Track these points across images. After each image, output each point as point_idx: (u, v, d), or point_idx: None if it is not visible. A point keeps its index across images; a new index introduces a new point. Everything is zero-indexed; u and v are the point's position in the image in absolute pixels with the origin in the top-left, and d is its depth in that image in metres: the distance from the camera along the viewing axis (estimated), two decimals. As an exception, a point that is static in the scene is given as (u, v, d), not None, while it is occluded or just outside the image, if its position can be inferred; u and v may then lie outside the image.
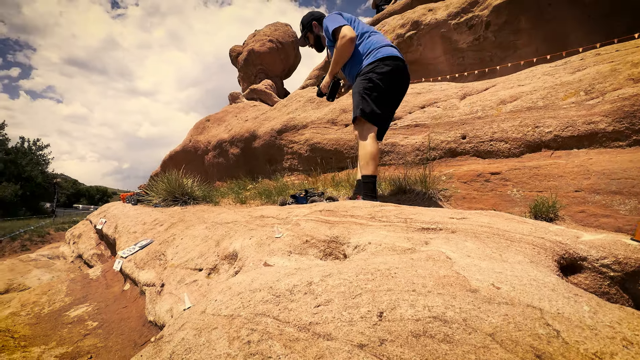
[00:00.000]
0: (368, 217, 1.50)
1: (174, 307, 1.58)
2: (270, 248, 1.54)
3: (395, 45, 5.99)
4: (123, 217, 4.77)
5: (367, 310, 0.54)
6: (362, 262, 0.85)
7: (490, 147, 2.99)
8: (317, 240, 1.50)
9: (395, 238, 1.12)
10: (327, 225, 1.58)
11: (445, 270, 0.66)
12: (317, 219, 1.71)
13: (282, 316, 0.61)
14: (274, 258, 1.44)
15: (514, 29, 4.63)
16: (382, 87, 2.12)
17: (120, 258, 2.96)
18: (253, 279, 0.93)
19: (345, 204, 1.76)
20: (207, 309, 0.83)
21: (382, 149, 3.92)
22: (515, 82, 3.27)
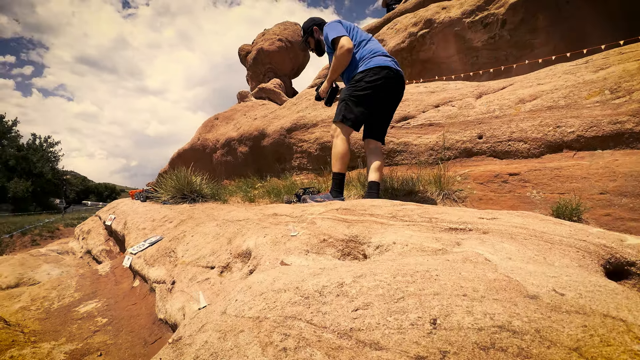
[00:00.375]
0: (389, 216, 1.44)
1: (186, 306, 1.54)
2: (287, 247, 1.49)
3: (407, 43, 5.86)
4: (132, 213, 4.77)
5: (416, 316, 0.49)
6: (392, 262, 0.79)
7: (508, 147, 2.90)
8: (335, 240, 1.45)
9: (423, 238, 1.06)
10: (344, 224, 1.53)
11: (492, 274, 0.60)
12: (333, 217, 1.65)
13: (316, 320, 0.56)
14: (290, 257, 1.38)
15: (530, 27, 4.52)
16: (369, 94, 2.24)
17: (130, 254, 2.93)
18: (275, 278, 0.87)
19: (364, 202, 1.70)
20: (227, 310, 0.78)
21: (394, 148, 3.85)
22: (534, 80, 3.18)
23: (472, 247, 0.86)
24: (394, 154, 3.83)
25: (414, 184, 3.16)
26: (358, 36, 2.42)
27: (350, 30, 2.40)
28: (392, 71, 2.29)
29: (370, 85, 2.23)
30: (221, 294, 1.41)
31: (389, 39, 6.28)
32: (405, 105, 4.00)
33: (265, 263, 1.38)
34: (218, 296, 1.40)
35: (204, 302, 1.13)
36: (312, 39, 2.66)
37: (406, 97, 4.13)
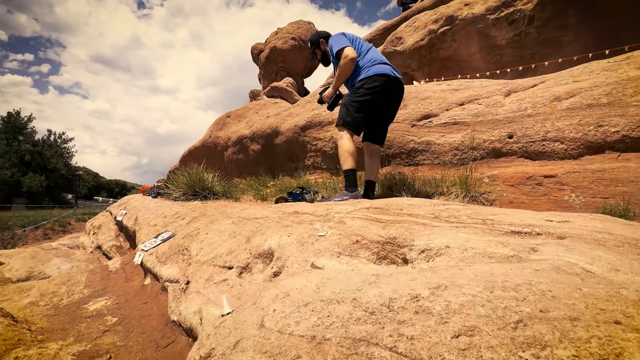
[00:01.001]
0: (430, 216, 1.29)
1: (204, 309, 1.41)
2: (315, 247, 1.35)
3: (427, 41, 5.69)
4: (143, 209, 4.70)
5: (570, 354, 0.35)
6: (469, 270, 0.65)
7: (542, 148, 2.72)
8: (369, 241, 1.30)
9: (484, 242, 0.91)
10: (379, 225, 1.38)
11: (625, 291, 0.46)
12: (364, 217, 1.50)
13: (403, 348, 0.42)
14: (321, 259, 1.24)
15: (559, 24, 4.31)
16: (368, 100, 2.37)
17: (141, 251, 2.84)
18: (318, 285, 0.73)
19: (398, 201, 1.56)
20: (266, 322, 0.65)
21: (415, 147, 3.69)
22: (569, 78, 2.99)
23: (556, 254, 0.71)
24: (414, 153, 3.67)
25: (438, 185, 3.00)
26: (360, 46, 2.58)
27: (353, 41, 2.57)
28: (391, 78, 2.41)
29: (369, 92, 2.36)
30: (243, 298, 1.27)
31: (407, 36, 6.11)
32: (427, 103, 3.84)
33: (293, 265, 1.24)
34: (240, 300, 1.27)
35: (228, 308, 1.01)
36: (318, 50, 2.83)
37: (428, 94, 3.97)
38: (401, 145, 3.80)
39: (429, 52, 5.66)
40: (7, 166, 29.35)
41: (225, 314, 0.97)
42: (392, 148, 3.90)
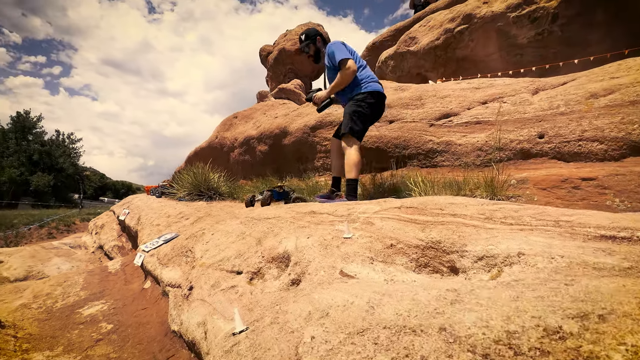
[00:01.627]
0: (481, 217, 1.08)
1: (209, 321, 1.21)
2: (342, 252, 1.14)
3: (442, 40, 5.50)
4: (147, 208, 4.54)
5: None
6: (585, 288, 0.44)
7: (578, 148, 2.50)
8: (406, 246, 1.10)
9: (576, 249, 0.70)
10: (416, 226, 1.17)
11: None
12: (396, 217, 1.30)
13: None
14: (351, 266, 1.04)
15: (586, 22, 4.09)
16: (368, 114, 2.65)
17: (142, 252, 2.65)
18: (370, 302, 0.54)
19: (437, 199, 1.35)
20: (302, 355, 0.45)
21: (433, 148, 3.48)
22: (605, 74, 2.77)
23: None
24: (433, 154, 3.46)
25: (460, 187, 2.78)
26: (359, 60, 2.75)
27: (352, 53, 2.71)
28: (383, 96, 2.75)
29: (370, 106, 2.64)
30: (257, 310, 1.07)
31: (421, 36, 5.93)
32: (446, 101, 3.64)
33: (318, 272, 1.04)
34: (253, 312, 1.07)
35: (240, 324, 0.82)
36: (313, 46, 2.88)
37: (446, 93, 3.76)
38: (418, 145, 3.59)
39: (445, 52, 5.46)
40: (16, 165, 29.59)
41: (237, 332, 0.78)
42: (408, 149, 3.69)
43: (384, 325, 0.44)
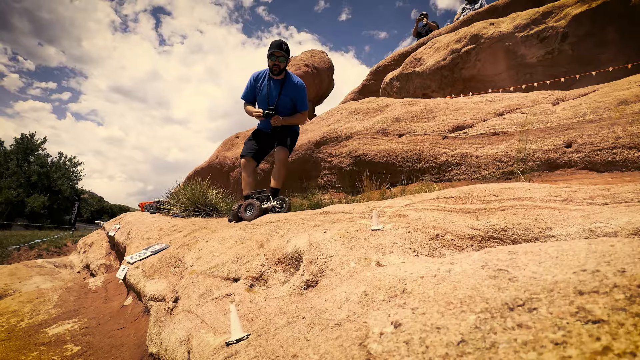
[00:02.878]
0: (557, 199, 0.84)
1: (194, 336, 0.91)
2: (373, 243, 0.88)
3: (449, 60, 5.48)
4: (138, 223, 4.24)
5: None
6: None
7: (612, 157, 2.28)
8: (457, 236, 0.85)
9: None
10: (466, 215, 0.92)
11: None
12: (435, 207, 1.05)
13: None
14: (391, 257, 0.78)
15: (597, 40, 4.05)
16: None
17: (126, 264, 2.35)
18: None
19: (486, 186, 1.11)
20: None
21: (447, 161, 3.27)
22: (631, 83, 2.62)
23: None
24: (447, 167, 3.24)
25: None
26: None
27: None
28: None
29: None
30: (258, 320, 0.79)
31: (427, 57, 5.93)
32: (460, 114, 3.48)
33: (346, 266, 0.78)
34: (253, 323, 0.79)
35: (239, 331, 0.55)
36: (287, 61, 2.95)
37: (459, 106, 3.62)
38: (431, 159, 3.39)
39: (451, 72, 5.43)
40: (14, 186, 29.31)
41: (234, 341, 0.51)
42: (420, 162, 3.48)
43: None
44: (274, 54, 2.84)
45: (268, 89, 2.99)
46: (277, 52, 2.84)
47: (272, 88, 2.99)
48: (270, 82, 2.99)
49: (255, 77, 3.09)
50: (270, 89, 2.99)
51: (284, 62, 2.90)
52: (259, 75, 3.08)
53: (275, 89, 2.99)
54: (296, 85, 3.02)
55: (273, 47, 2.86)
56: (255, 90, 3.09)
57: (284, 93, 3.00)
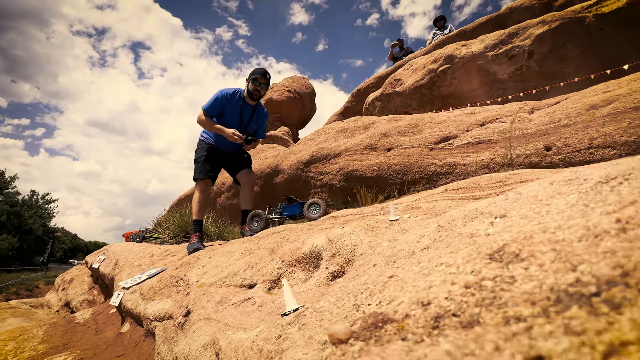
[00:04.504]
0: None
1: (221, 338, 0.89)
2: (395, 229, 0.92)
3: (427, 80, 5.76)
4: (126, 252, 4.07)
5: None
6: None
7: (590, 156, 2.44)
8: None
9: None
10: (478, 201, 0.97)
11: None
12: (446, 198, 1.12)
13: None
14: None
15: (560, 56, 4.42)
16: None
17: (121, 290, 2.24)
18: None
19: (492, 175, 1.18)
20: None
21: (436, 171, 3.38)
22: (597, 90, 2.86)
23: None
24: (436, 177, 3.35)
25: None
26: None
27: None
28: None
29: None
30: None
31: (406, 77, 6.25)
32: (444, 126, 3.65)
33: (377, 248, 0.80)
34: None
35: (294, 304, 0.54)
36: (265, 91, 3.03)
37: (442, 119, 3.80)
38: (420, 170, 3.50)
39: (430, 90, 5.72)
40: (-20, 228, 27.57)
41: (290, 311, 0.51)
42: (410, 174, 3.58)
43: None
44: (257, 79, 2.88)
45: (241, 112, 3.00)
46: (261, 79, 2.88)
47: (245, 112, 3.01)
48: (244, 106, 3.00)
49: (228, 95, 2.98)
50: (244, 112, 3.01)
51: (264, 89, 2.96)
52: (234, 93, 3.00)
53: (247, 114, 3.03)
54: (264, 114, 3.18)
55: (257, 74, 2.89)
56: (223, 107, 2.99)
57: (254, 119, 3.08)
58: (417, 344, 0.23)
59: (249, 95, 2.94)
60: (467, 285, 0.26)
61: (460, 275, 0.27)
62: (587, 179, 0.39)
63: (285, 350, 0.34)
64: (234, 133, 2.85)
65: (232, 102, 2.98)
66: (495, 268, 0.26)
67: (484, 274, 0.25)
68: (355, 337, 0.28)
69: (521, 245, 0.27)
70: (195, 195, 3.09)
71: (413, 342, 0.23)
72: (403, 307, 0.28)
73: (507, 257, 0.26)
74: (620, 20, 3.98)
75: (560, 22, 4.33)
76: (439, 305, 0.25)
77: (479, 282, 0.25)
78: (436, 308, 0.26)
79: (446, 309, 0.25)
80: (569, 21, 4.26)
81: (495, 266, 0.26)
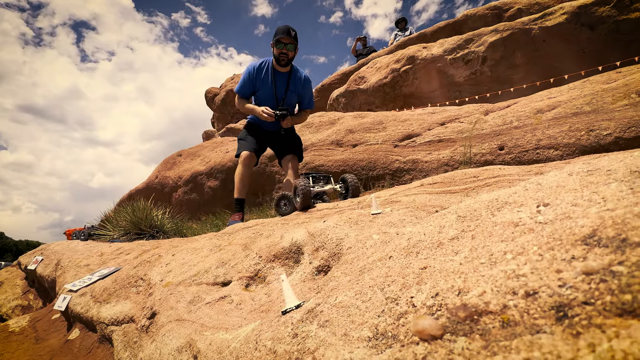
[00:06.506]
0: (529, 173, 0.97)
1: (198, 340, 0.83)
2: (381, 222, 0.92)
3: (390, 79, 5.94)
4: (69, 251, 3.68)
5: None
6: None
7: (536, 156, 2.68)
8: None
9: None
10: (454, 195, 1.02)
11: None
12: (424, 192, 1.15)
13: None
14: (407, 229, 0.81)
15: (510, 64, 4.80)
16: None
17: (68, 293, 2.02)
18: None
19: (465, 170, 1.23)
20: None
21: (400, 167, 3.50)
22: (542, 96, 3.15)
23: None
24: (400, 173, 3.47)
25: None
26: None
27: None
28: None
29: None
30: (274, 310, 0.76)
31: (370, 75, 6.38)
32: (407, 124, 3.78)
33: (371, 238, 0.80)
34: (269, 313, 0.76)
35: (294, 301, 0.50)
36: (296, 49, 2.58)
37: (406, 117, 3.94)
38: (385, 166, 3.60)
39: (393, 89, 5.91)
40: None
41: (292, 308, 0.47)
42: (375, 170, 3.67)
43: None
44: (280, 40, 2.46)
45: (274, 84, 2.62)
46: (285, 39, 2.45)
47: (278, 83, 2.63)
48: (275, 76, 2.62)
49: (255, 69, 2.63)
50: (277, 83, 2.63)
51: (292, 50, 2.52)
52: (261, 65, 2.64)
53: (282, 85, 2.63)
54: (303, 79, 2.69)
55: (280, 33, 2.46)
56: (254, 84, 2.66)
57: (291, 89, 2.66)
58: (555, 338, 0.22)
59: (277, 62, 2.56)
60: (586, 272, 0.25)
61: (559, 263, 0.26)
62: (612, 170, 0.42)
63: (314, 350, 0.31)
64: (263, 111, 2.52)
65: (261, 75, 2.64)
66: (607, 253, 0.26)
67: (601, 260, 0.25)
68: (451, 331, 0.27)
69: (620, 230, 0.27)
70: (237, 170, 2.77)
71: (550, 336, 0.22)
72: (490, 297, 0.27)
73: (612, 242, 0.26)
74: (562, 34, 4.41)
75: (511, 32, 4.69)
76: (556, 293, 0.25)
77: (605, 267, 0.25)
78: (550, 298, 0.25)
79: (569, 298, 0.24)
80: (518, 31, 4.63)
81: (606, 251, 0.26)
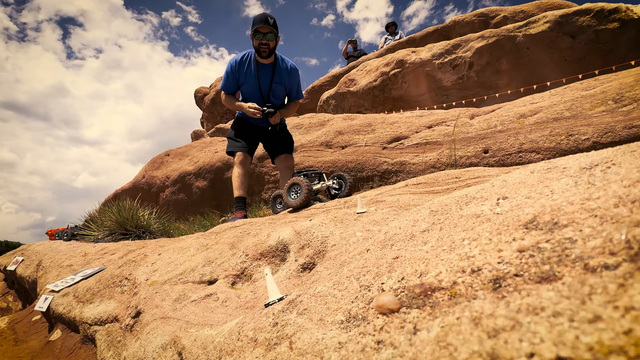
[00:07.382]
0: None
1: (183, 337, 0.84)
2: (365, 221, 0.95)
3: (379, 82, 6.01)
4: (51, 252, 3.59)
5: None
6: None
7: (519, 159, 2.77)
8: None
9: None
10: (437, 195, 1.06)
11: None
12: (408, 192, 1.18)
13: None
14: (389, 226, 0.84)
15: (495, 69, 4.92)
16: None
17: (50, 293, 1.98)
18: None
19: (448, 172, 1.26)
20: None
21: (388, 169, 3.55)
22: (525, 102, 3.24)
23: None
24: (388, 174, 3.52)
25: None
26: None
27: None
28: None
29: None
30: (260, 305, 0.78)
31: (359, 78, 6.44)
32: (395, 127, 3.84)
33: (354, 235, 0.82)
34: (254, 309, 0.77)
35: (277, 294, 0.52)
36: (276, 38, 2.43)
37: (394, 120, 4.00)
38: (373, 167, 3.64)
39: (382, 92, 5.98)
40: None
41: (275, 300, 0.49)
42: (364, 171, 3.71)
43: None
44: (259, 30, 2.32)
45: (257, 77, 2.50)
46: (262, 28, 2.31)
47: (262, 75, 2.51)
48: (258, 68, 2.49)
49: (237, 62, 2.51)
50: (260, 76, 2.51)
51: (272, 39, 2.38)
52: (243, 58, 2.52)
53: (266, 77, 2.51)
54: (290, 69, 2.58)
55: (257, 23, 2.32)
56: (237, 79, 2.55)
57: (276, 80, 2.54)
58: (485, 302, 0.24)
59: (258, 54, 2.44)
60: (520, 249, 0.28)
61: (502, 244, 0.29)
62: (567, 167, 0.45)
63: (292, 334, 0.33)
64: (250, 107, 2.43)
65: (243, 68, 2.51)
66: (540, 234, 0.28)
67: (533, 239, 0.27)
68: (407, 305, 0.29)
69: (554, 216, 0.29)
70: (233, 171, 2.76)
71: (482, 301, 0.24)
72: (444, 276, 0.30)
73: (546, 226, 0.29)
74: (545, 42, 4.55)
75: (496, 39, 4.82)
76: (495, 269, 0.27)
77: (534, 245, 0.27)
78: (490, 272, 0.27)
79: (504, 272, 0.27)
80: (503, 38, 4.76)
81: (539, 233, 0.29)
